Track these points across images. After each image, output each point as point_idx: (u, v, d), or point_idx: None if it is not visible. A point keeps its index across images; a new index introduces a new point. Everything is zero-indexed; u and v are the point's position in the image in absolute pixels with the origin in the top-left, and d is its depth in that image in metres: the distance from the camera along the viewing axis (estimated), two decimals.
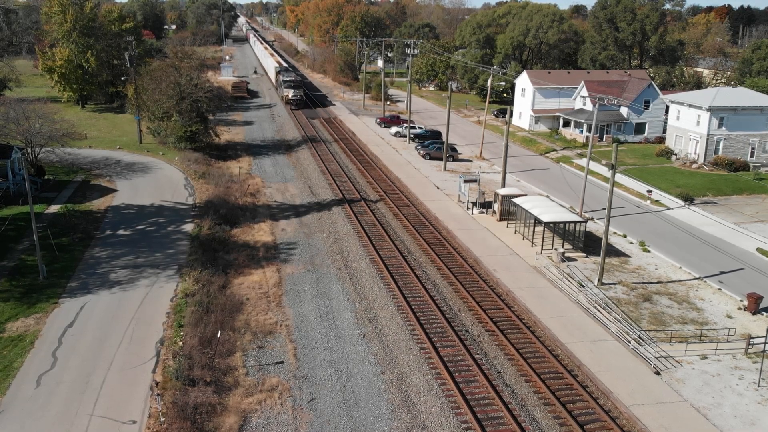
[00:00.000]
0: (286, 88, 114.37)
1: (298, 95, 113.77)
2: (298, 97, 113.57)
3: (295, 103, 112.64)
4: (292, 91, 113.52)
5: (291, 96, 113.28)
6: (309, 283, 42.78)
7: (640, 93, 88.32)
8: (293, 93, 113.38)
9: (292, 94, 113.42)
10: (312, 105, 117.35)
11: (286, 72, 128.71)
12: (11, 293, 39.25)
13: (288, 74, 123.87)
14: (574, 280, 43.90)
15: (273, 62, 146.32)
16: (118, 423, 27.72)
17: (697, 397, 31.18)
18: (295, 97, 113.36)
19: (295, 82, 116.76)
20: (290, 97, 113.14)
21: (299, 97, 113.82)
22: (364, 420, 28.75)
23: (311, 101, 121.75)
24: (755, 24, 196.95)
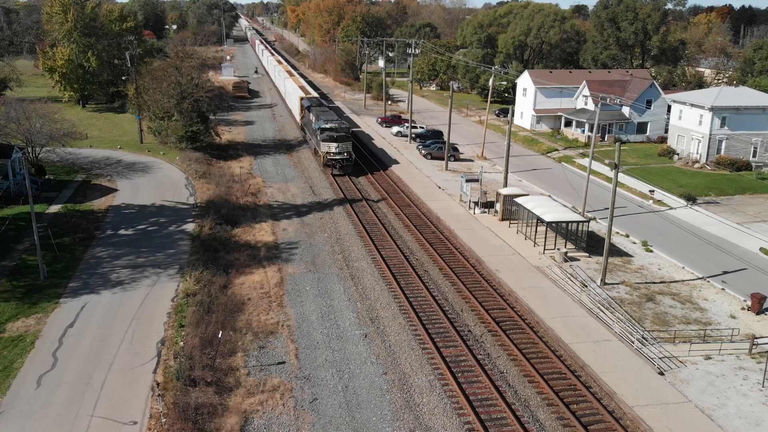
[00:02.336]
0: (326, 141, 68.30)
1: (344, 152, 68.38)
2: (345, 156, 68.33)
3: (340, 165, 67.91)
4: (335, 145, 67.79)
5: (334, 153, 68.03)
6: (310, 283, 42.61)
7: (642, 92, 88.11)
8: (337, 148, 67.88)
9: (335, 150, 67.90)
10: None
11: (321, 109, 79.76)
12: (12, 293, 39.10)
13: (325, 114, 76.01)
14: (576, 280, 43.71)
15: (294, 86, 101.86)
16: (118, 424, 27.55)
17: (702, 398, 30.98)
18: (341, 155, 68.13)
19: (341, 129, 69.09)
20: (333, 156, 67.96)
21: (347, 155, 68.48)
22: (366, 421, 28.56)
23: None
24: (756, 24, 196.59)
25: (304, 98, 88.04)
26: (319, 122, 70.74)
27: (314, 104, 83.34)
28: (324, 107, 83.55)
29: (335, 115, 76.80)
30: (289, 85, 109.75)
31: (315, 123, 72.72)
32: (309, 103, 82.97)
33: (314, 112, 77.04)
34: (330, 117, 73.61)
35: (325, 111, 78.45)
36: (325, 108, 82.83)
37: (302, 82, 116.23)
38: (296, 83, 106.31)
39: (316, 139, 71.55)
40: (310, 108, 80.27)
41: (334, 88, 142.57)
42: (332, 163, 67.93)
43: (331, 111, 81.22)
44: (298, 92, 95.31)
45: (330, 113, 77.35)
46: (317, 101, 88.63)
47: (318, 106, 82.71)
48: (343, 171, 68.61)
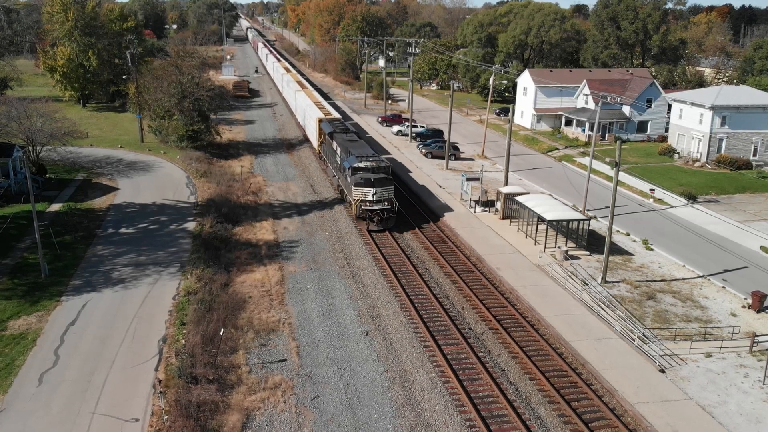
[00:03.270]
0: (360, 185, 51.41)
1: (384, 200, 51.51)
2: (386, 205, 51.55)
3: (379, 218, 51.35)
4: (373, 191, 51.05)
5: (371, 202, 51.21)
6: (311, 281, 42.64)
7: (643, 91, 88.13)
8: (375, 195, 51.15)
9: (373, 198, 51.19)
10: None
11: (348, 138, 61.41)
12: (13, 291, 39.14)
13: (355, 145, 58.29)
14: (577, 278, 43.74)
15: (308, 102, 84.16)
16: (120, 421, 27.58)
17: (703, 395, 31.01)
18: (381, 203, 51.40)
19: (379, 169, 52.29)
20: (370, 206, 51.19)
21: (388, 205, 51.67)
22: (367, 418, 28.60)
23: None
24: (756, 23, 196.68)
25: (323, 120, 70.89)
26: (349, 158, 53.86)
27: (338, 129, 65.72)
28: (352, 134, 63.90)
29: (368, 147, 58.31)
30: (302, 100, 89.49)
31: (343, 158, 56.64)
32: (331, 128, 66.05)
33: (339, 140, 60.12)
34: (363, 151, 55.75)
35: (353, 140, 60.38)
36: (353, 135, 63.51)
37: (318, 96, 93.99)
38: (311, 98, 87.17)
39: (345, 180, 54.53)
40: (333, 135, 63.42)
41: (334, 88, 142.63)
42: (368, 215, 51.18)
43: (361, 141, 61.35)
44: (315, 111, 76.84)
45: (361, 144, 59.28)
46: (341, 125, 68.96)
47: (343, 131, 64.65)
48: (383, 225, 51.23)
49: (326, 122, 70.11)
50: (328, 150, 66.48)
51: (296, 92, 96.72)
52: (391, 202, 52.06)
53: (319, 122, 71.89)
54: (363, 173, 51.77)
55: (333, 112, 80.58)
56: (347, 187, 54.22)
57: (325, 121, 70.49)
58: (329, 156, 65.15)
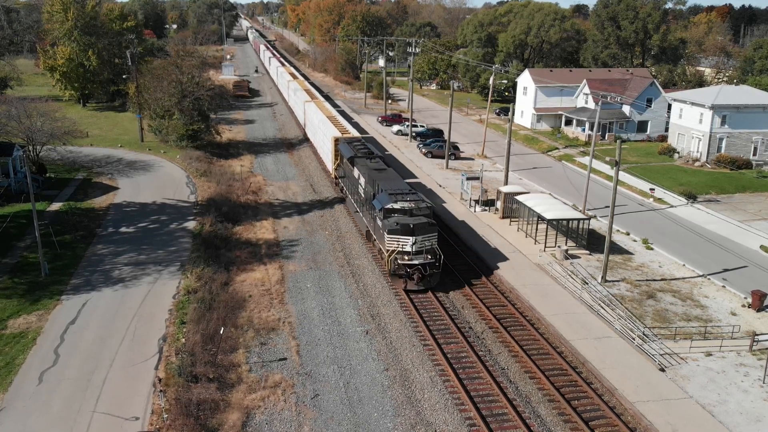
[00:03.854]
0: (396, 233, 40.55)
1: (426, 250, 40.81)
2: (428, 258, 40.80)
3: (420, 274, 40.37)
4: (412, 240, 40.30)
5: (412, 254, 40.51)
6: (311, 280, 42.64)
7: (643, 91, 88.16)
8: (415, 245, 40.43)
9: (413, 249, 40.49)
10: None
11: (375, 165, 50.53)
12: (14, 290, 39.15)
13: (385, 176, 47.42)
14: (577, 278, 43.75)
15: (320, 116, 72.32)
16: (120, 420, 27.58)
17: (702, 394, 31.02)
18: (422, 256, 40.65)
19: (419, 210, 41.85)
20: (409, 260, 40.47)
21: (431, 258, 40.92)
22: (367, 416, 28.61)
23: None
24: (756, 23, 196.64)
25: (341, 141, 58.91)
26: (380, 197, 43.03)
27: (360, 152, 54.39)
28: (378, 160, 51.78)
29: (400, 179, 47.10)
30: (312, 113, 77.07)
31: (369, 192, 45.89)
32: (351, 151, 54.65)
33: (363, 168, 48.98)
34: (396, 185, 44.40)
35: (381, 169, 48.92)
36: (380, 162, 51.37)
37: (332, 110, 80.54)
38: (323, 111, 75.79)
39: (374, 222, 43.91)
40: (354, 160, 52.10)
41: (334, 87, 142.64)
42: (405, 271, 39.46)
43: (391, 169, 49.97)
44: (329, 128, 65.01)
45: (392, 175, 47.68)
46: (363, 147, 56.42)
47: (367, 156, 52.86)
48: (425, 284, 39.77)
49: (345, 143, 57.94)
50: (347, 178, 54.84)
51: (305, 103, 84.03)
52: (435, 254, 40.63)
53: (335, 142, 59.81)
54: (399, 217, 40.95)
55: (351, 130, 67.03)
56: (377, 232, 43.63)
57: (344, 142, 58.41)
58: (350, 186, 53.82)
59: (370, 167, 49.35)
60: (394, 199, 42.04)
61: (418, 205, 42.09)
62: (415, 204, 42.05)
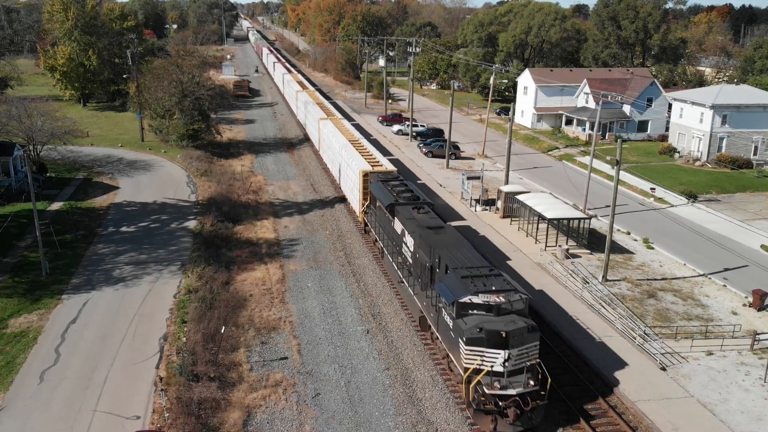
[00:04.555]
0: (477, 343, 26.76)
1: (524, 366, 26.99)
2: (529, 386, 26.69)
3: (516, 410, 26.34)
4: (504, 356, 26.55)
5: (503, 376, 26.57)
6: (312, 279, 42.63)
7: (643, 91, 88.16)
8: (509, 363, 26.60)
9: (505, 368, 26.57)
10: None
11: (427, 217, 37.38)
12: (14, 289, 39.14)
13: (447, 239, 33.67)
14: (578, 277, 43.74)
15: (341, 140, 59.52)
16: (121, 419, 27.56)
17: (704, 393, 31.01)
18: (517, 377, 26.85)
19: (510, 302, 27.89)
20: (498, 386, 26.38)
21: (532, 384, 26.79)
22: (369, 415, 28.59)
23: None
24: (756, 23, 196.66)
25: (372, 176, 46.56)
26: (449, 280, 29.85)
27: (403, 197, 41.03)
28: (428, 210, 38.53)
29: (470, 248, 33.40)
30: (329, 135, 63.34)
31: (424, 263, 33.04)
32: (389, 195, 41.38)
33: (411, 225, 35.93)
34: (466, 256, 31.77)
35: (438, 228, 35.44)
36: (432, 213, 38.15)
37: (355, 132, 64.86)
38: (344, 133, 62.09)
39: (438, 315, 31.08)
40: (395, 210, 38.97)
41: (334, 87, 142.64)
42: (496, 403, 26.81)
43: (450, 227, 36.54)
44: (355, 157, 52.58)
45: (455, 239, 34.21)
46: (404, 188, 43.00)
47: (414, 205, 39.08)
48: (526, 424, 27.13)
49: (379, 182, 44.44)
50: (381, 226, 42.65)
51: (320, 121, 69.64)
52: (536, 374, 27.34)
53: (364, 178, 47.30)
54: (481, 317, 27.75)
55: (383, 159, 52.74)
56: (443, 331, 30.44)
57: (377, 180, 45.01)
58: (387, 240, 40.72)
59: (421, 223, 35.80)
60: (471, 287, 28.05)
61: (509, 297, 27.89)
62: (504, 297, 27.85)
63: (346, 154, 55.88)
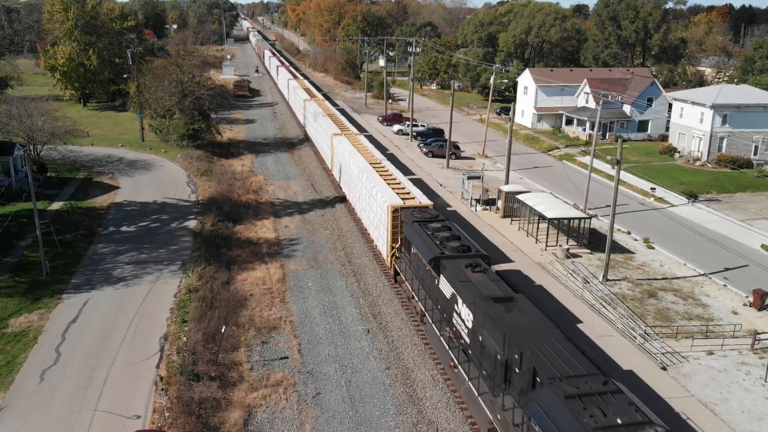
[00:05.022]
0: None
1: None
2: None
3: None
4: None
5: None
6: (312, 279, 42.62)
7: (643, 91, 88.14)
8: None
9: None
10: None
11: (492, 282, 28.20)
12: (14, 289, 39.13)
13: (528, 325, 24.28)
14: (578, 277, 43.73)
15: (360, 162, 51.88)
16: (122, 418, 27.56)
17: (704, 393, 31.01)
18: None
19: None
20: None
21: None
22: (369, 415, 28.58)
23: None
24: (757, 23, 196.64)
25: (404, 213, 39.17)
26: (550, 409, 20.08)
27: (451, 247, 32.81)
28: (486, 268, 30.53)
29: (565, 340, 23.84)
30: (345, 154, 55.63)
31: (492, 354, 25.26)
32: (431, 243, 33.53)
33: (468, 292, 28.01)
34: (557, 347, 23.02)
35: (508, 299, 26.74)
36: (492, 273, 30.07)
37: (376, 153, 55.90)
38: (364, 155, 54.10)
39: None
40: (441, 265, 31.43)
41: (334, 87, 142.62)
42: None
43: (524, 298, 27.23)
44: (382, 188, 44.28)
45: (536, 318, 25.47)
46: (448, 233, 34.98)
47: (466, 257, 31.68)
48: None
49: (414, 223, 36.50)
50: (424, 286, 33.74)
51: (334, 137, 61.98)
52: None
53: (393, 214, 39.67)
54: None
55: (417, 193, 43.58)
56: None
57: (412, 221, 36.92)
58: (432, 306, 32.63)
59: (481, 290, 27.18)
60: (586, 419, 19.01)
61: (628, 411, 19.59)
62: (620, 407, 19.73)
63: (369, 181, 46.94)
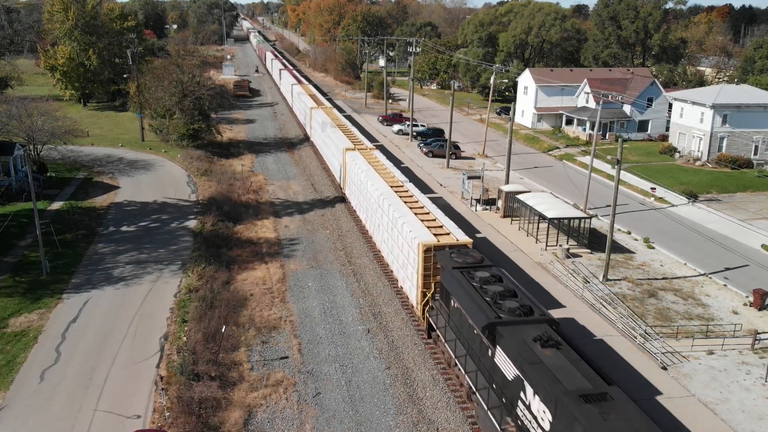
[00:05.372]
0: None
1: None
2: None
3: None
4: None
5: None
6: (313, 279, 42.60)
7: (643, 90, 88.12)
8: None
9: None
10: None
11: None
12: (15, 289, 39.12)
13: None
14: (579, 276, 43.71)
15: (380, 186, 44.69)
16: (122, 418, 27.55)
17: (705, 392, 30.99)
18: None
19: None
20: None
21: None
22: (369, 414, 28.56)
23: None
24: (756, 23, 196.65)
25: (439, 255, 33.06)
26: None
27: (509, 307, 26.31)
28: (561, 345, 24.65)
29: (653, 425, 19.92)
30: (360, 170, 49.35)
31: None
32: (484, 305, 26.75)
33: (545, 384, 21.78)
34: None
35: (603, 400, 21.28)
36: (576, 358, 23.99)
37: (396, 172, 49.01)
38: (382, 175, 47.47)
39: None
40: (497, 332, 25.11)
41: (334, 87, 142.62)
42: None
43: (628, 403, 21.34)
44: (411, 223, 37.18)
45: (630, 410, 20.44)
46: (505, 290, 27.83)
47: (540, 336, 24.64)
48: None
49: (456, 270, 30.41)
50: (470, 353, 27.59)
51: (346, 152, 55.13)
52: None
53: (425, 254, 33.64)
54: None
55: (450, 226, 36.83)
56: None
57: (454, 269, 30.60)
58: (483, 382, 26.36)
59: (565, 384, 21.92)
60: None
61: None
62: None
63: (391, 209, 39.71)
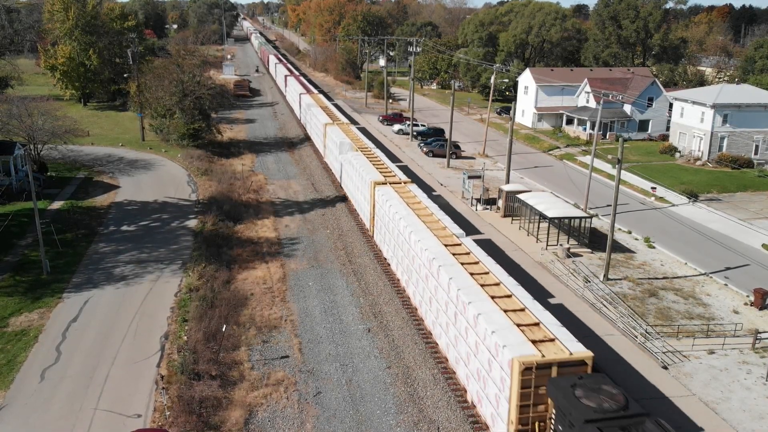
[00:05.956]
0: None
1: None
2: None
3: None
4: None
5: None
6: (313, 278, 42.59)
7: (644, 90, 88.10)
8: None
9: None
10: None
11: None
12: (15, 288, 39.11)
13: None
14: (579, 276, 43.70)
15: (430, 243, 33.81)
16: (122, 417, 27.54)
17: (706, 392, 30.98)
18: None
19: None
20: None
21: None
22: (370, 414, 28.55)
23: None
24: (757, 23, 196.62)
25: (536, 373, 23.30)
26: None
27: None
28: None
29: None
30: (395, 211, 40.03)
31: None
32: None
33: None
34: None
35: None
36: None
37: (449, 222, 38.15)
38: (431, 227, 37.00)
39: None
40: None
41: (335, 87, 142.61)
42: None
43: None
44: (492, 317, 26.20)
45: None
46: None
47: None
48: None
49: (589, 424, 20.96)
50: None
51: (376, 187, 45.62)
52: None
53: (523, 375, 23.60)
54: None
55: (550, 322, 26.80)
56: None
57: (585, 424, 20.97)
58: None
59: None
60: None
61: None
62: None
63: (451, 285, 29.87)
